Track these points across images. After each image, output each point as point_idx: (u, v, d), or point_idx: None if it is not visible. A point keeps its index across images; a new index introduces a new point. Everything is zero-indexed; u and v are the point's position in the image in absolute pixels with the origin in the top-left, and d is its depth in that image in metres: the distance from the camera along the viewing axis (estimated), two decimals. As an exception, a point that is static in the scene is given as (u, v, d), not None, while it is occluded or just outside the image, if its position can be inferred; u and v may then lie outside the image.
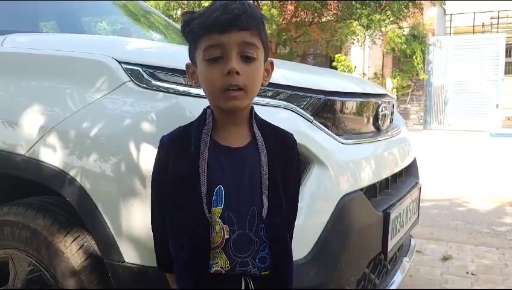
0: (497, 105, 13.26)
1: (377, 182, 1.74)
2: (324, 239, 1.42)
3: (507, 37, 13.85)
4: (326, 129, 1.54)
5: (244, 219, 1.06)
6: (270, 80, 1.16)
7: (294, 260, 1.19)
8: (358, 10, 10.85)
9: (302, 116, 1.48)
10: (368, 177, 1.66)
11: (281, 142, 1.14)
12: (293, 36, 12.28)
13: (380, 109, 1.90)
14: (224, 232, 1.05)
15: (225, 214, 1.05)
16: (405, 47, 12.19)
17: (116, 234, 1.34)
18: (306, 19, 11.97)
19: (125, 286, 1.37)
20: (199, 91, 1.32)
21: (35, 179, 1.48)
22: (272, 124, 1.16)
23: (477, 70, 13.40)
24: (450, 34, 15.03)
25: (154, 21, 3.10)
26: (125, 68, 1.41)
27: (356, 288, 1.60)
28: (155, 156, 1.15)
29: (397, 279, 1.96)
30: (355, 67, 12.93)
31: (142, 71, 1.39)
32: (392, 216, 1.73)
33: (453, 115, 13.74)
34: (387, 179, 1.86)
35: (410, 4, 11.19)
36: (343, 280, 1.49)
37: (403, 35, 12.21)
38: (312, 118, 1.50)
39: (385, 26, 11.39)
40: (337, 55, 12.90)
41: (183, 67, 1.17)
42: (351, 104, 1.75)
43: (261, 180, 1.07)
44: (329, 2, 11.46)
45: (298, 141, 1.21)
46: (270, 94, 1.44)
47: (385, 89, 2.30)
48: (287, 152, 1.15)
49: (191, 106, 1.33)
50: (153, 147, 1.28)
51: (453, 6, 14.35)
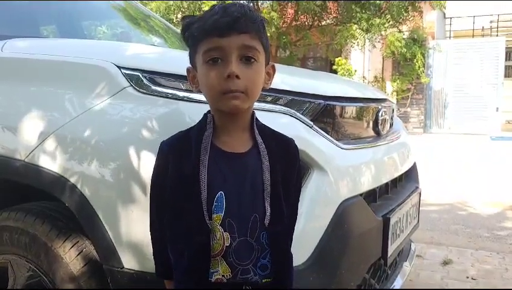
0: (497, 108, 13.28)
1: (377, 187, 1.74)
2: (324, 244, 1.41)
3: (507, 41, 13.88)
4: (326, 134, 1.53)
5: (245, 226, 1.04)
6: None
7: (293, 266, 1.17)
8: (358, 14, 10.89)
9: (302, 121, 1.47)
10: (368, 182, 1.66)
11: (283, 148, 1.13)
12: (293, 39, 12.31)
13: (380, 114, 1.89)
14: (224, 239, 1.03)
15: (226, 221, 1.03)
16: (405, 50, 12.21)
17: (115, 240, 1.34)
18: (306, 23, 12.00)
19: (124, 292, 1.36)
20: (199, 96, 1.32)
21: (34, 185, 1.48)
22: (274, 130, 1.15)
23: (477, 73, 13.42)
24: (450, 38, 15.05)
25: (154, 25, 3.10)
26: (124, 73, 1.40)
27: (356, 293, 1.59)
28: (155, 162, 1.14)
29: (397, 284, 1.95)
30: (355, 71, 12.95)
31: (142, 76, 1.39)
32: (392, 221, 1.73)
33: (453, 119, 13.75)
34: (387, 184, 1.86)
35: (409, 8, 11.23)
36: (343, 286, 1.48)
37: (403, 38, 12.23)
38: (312, 123, 1.50)
39: (385, 29, 11.43)
40: (337, 58, 12.92)
41: (182, 72, 1.16)
42: (351, 109, 1.75)
43: (263, 186, 1.05)
44: (329, 6, 11.49)
45: (298, 146, 1.20)
46: (270, 99, 1.44)
47: (385, 94, 2.30)
48: (289, 158, 1.13)
49: (191, 111, 1.32)
50: (153, 153, 1.28)
51: (453, 9, 14.37)
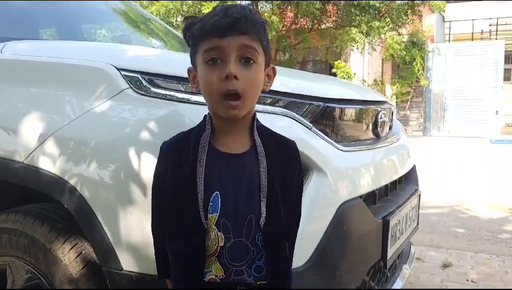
0: (496, 112, 13.28)
1: (376, 189, 1.74)
2: (323, 246, 1.41)
3: (506, 44, 13.88)
4: (325, 136, 1.53)
5: (240, 227, 1.04)
6: (269, 87, 1.16)
7: (293, 268, 1.17)
8: (357, 17, 10.92)
9: (301, 123, 1.47)
10: (367, 184, 1.66)
11: (282, 149, 1.12)
12: (293, 43, 12.32)
13: (379, 116, 1.89)
14: (218, 239, 1.03)
15: (220, 221, 1.03)
16: (404, 54, 12.22)
17: (114, 242, 1.34)
18: (306, 26, 12.02)
19: (123, 294, 1.36)
20: (198, 98, 1.32)
21: (33, 187, 1.47)
22: (274, 132, 1.14)
23: (476, 77, 13.43)
24: (449, 41, 15.07)
25: (154, 28, 3.10)
26: (124, 75, 1.40)
27: (356, 296, 1.59)
28: (156, 162, 1.14)
29: (397, 286, 1.95)
30: (354, 74, 12.96)
31: (141, 78, 1.39)
32: (392, 223, 1.73)
33: (453, 122, 13.75)
34: (386, 186, 1.86)
35: (409, 11, 11.25)
36: (342, 288, 1.48)
37: (402, 42, 12.25)
38: (311, 125, 1.49)
39: (384, 33, 11.45)
40: (336, 61, 12.93)
41: (182, 74, 1.16)
42: (350, 111, 1.75)
43: (260, 187, 1.05)
44: (328, 9, 11.52)
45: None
46: (269, 101, 1.44)
47: (384, 96, 2.31)
48: (288, 160, 1.13)
49: (190, 113, 1.32)
50: (152, 155, 1.28)
51: (452, 13, 14.40)
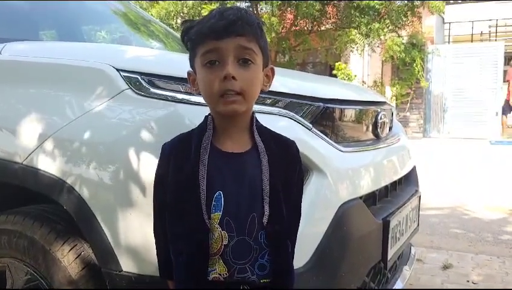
0: (496, 113, 13.26)
1: (377, 190, 1.74)
2: (323, 247, 1.41)
3: (506, 45, 13.88)
4: (325, 137, 1.53)
5: (243, 226, 1.05)
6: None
7: (293, 269, 1.17)
8: (357, 19, 10.91)
9: (301, 123, 1.47)
10: (367, 185, 1.66)
11: (282, 148, 1.14)
12: (293, 44, 12.32)
13: (379, 117, 1.89)
14: (222, 238, 1.04)
15: (224, 220, 1.04)
16: (404, 55, 12.21)
17: (113, 243, 1.33)
18: (305, 28, 12.02)
19: (122, 295, 1.36)
20: (198, 99, 1.32)
21: (32, 188, 1.47)
22: (274, 132, 1.16)
23: (476, 78, 13.41)
24: (449, 42, 15.06)
25: (154, 30, 3.10)
26: (123, 76, 1.40)
27: (356, 297, 1.58)
28: (157, 163, 1.14)
29: (397, 287, 1.94)
30: (354, 75, 12.96)
31: (141, 79, 1.39)
32: (392, 224, 1.72)
33: (453, 123, 13.74)
34: (386, 187, 1.86)
35: (408, 13, 11.26)
36: (342, 289, 1.47)
37: (402, 43, 12.24)
38: (311, 126, 1.49)
39: (384, 34, 11.44)
40: (336, 63, 12.92)
41: (181, 75, 1.16)
42: (350, 111, 1.75)
43: (262, 186, 1.06)
44: (328, 11, 11.52)
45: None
46: (269, 102, 1.44)
47: (384, 97, 2.30)
48: (289, 160, 1.15)
49: (190, 114, 1.32)
50: (151, 155, 1.28)
51: (452, 14, 14.40)
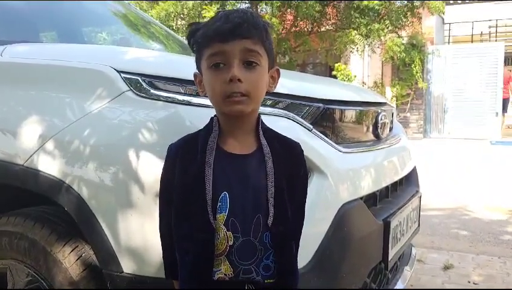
0: (496, 113, 13.26)
1: (377, 191, 1.74)
2: (324, 248, 1.41)
3: (506, 46, 13.88)
4: (325, 138, 1.54)
5: (248, 226, 1.06)
6: (269, 89, 1.16)
7: (294, 270, 1.17)
8: (357, 19, 10.92)
9: (301, 124, 1.48)
10: (368, 185, 1.66)
11: (287, 150, 1.15)
12: (293, 45, 12.32)
13: (380, 118, 1.89)
14: (228, 239, 1.05)
15: (229, 221, 1.05)
16: (404, 56, 12.21)
17: (114, 244, 1.33)
18: (305, 29, 12.03)
19: (123, 297, 1.36)
20: (198, 100, 1.32)
21: (33, 189, 1.47)
22: (279, 134, 1.17)
23: (476, 78, 13.41)
24: (449, 43, 15.06)
25: (154, 31, 3.10)
26: (124, 77, 1.40)
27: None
28: (163, 164, 1.15)
29: (398, 288, 1.94)
30: (354, 76, 12.95)
31: (141, 80, 1.39)
32: (393, 225, 1.72)
33: (453, 124, 13.73)
34: (387, 188, 1.86)
35: (408, 13, 11.26)
36: (343, 289, 1.47)
37: (402, 44, 12.24)
38: (311, 127, 1.50)
39: (384, 35, 11.44)
40: (336, 64, 12.92)
41: (182, 76, 1.17)
42: (351, 112, 1.75)
43: (267, 187, 1.07)
44: (328, 12, 11.53)
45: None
46: (270, 103, 1.44)
47: (384, 98, 2.30)
48: (294, 161, 1.16)
49: (190, 115, 1.33)
50: (152, 157, 1.28)
51: (452, 15, 14.40)
